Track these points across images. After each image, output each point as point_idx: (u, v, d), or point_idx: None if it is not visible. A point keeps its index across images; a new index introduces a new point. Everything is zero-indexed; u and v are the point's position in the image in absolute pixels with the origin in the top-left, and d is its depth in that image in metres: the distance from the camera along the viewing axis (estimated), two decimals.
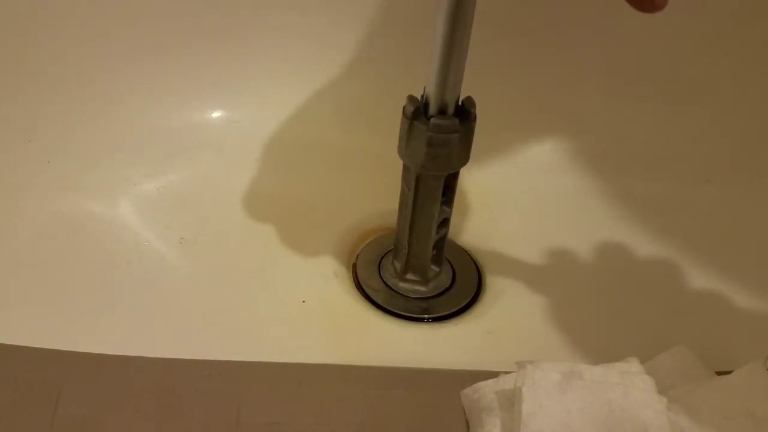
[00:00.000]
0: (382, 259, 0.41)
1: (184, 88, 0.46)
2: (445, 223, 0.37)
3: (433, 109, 0.32)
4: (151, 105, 0.46)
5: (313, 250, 0.41)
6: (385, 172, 0.41)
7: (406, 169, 0.35)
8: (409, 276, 0.39)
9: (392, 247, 0.40)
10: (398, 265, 0.39)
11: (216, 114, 0.47)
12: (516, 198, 0.46)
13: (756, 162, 0.46)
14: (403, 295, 0.39)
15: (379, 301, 0.38)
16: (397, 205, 0.37)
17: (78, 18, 0.43)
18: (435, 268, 0.39)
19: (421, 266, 0.38)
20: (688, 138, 0.46)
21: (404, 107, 0.33)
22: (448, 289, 0.39)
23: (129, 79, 0.45)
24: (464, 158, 0.34)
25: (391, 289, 0.39)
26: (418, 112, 0.33)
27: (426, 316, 0.38)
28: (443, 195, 0.35)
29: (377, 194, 0.44)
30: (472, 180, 0.46)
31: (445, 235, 0.38)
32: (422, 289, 0.39)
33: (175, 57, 0.45)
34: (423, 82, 0.33)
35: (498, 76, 0.44)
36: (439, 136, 0.32)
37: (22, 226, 0.40)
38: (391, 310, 0.38)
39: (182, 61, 0.46)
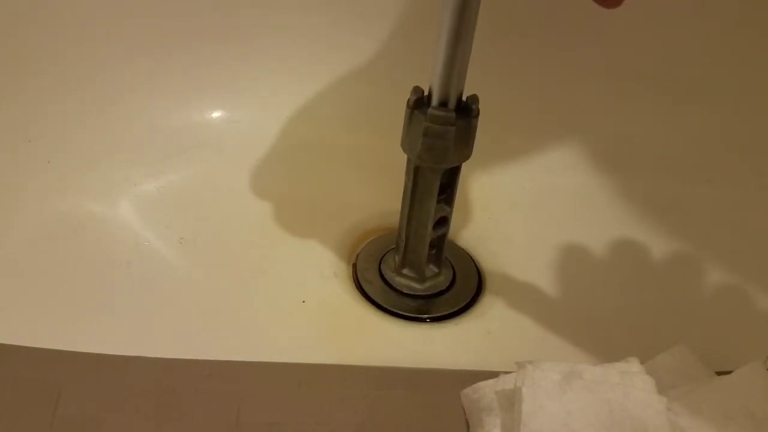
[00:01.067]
0: (382, 258, 0.41)
1: (184, 88, 0.46)
2: (444, 222, 0.37)
3: (435, 100, 0.32)
4: (151, 105, 0.46)
5: (314, 250, 0.41)
6: (385, 172, 0.41)
7: (408, 161, 0.35)
8: (406, 272, 0.39)
9: (392, 247, 0.40)
10: (398, 259, 0.39)
11: (216, 114, 0.47)
12: (516, 198, 0.46)
13: (756, 162, 0.46)
14: (397, 291, 0.39)
15: (371, 294, 0.38)
16: (397, 205, 0.37)
17: (78, 18, 0.43)
18: (434, 269, 0.39)
19: (417, 262, 0.38)
20: (688, 138, 0.46)
21: (409, 97, 0.33)
22: (444, 292, 0.39)
23: (129, 79, 0.45)
24: (463, 154, 0.34)
25: (387, 282, 0.39)
26: (419, 102, 0.33)
27: (426, 315, 0.38)
28: (443, 192, 0.35)
29: (377, 194, 0.44)
30: (472, 180, 0.46)
31: (445, 234, 0.38)
32: (417, 286, 0.39)
33: (175, 57, 0.45)
34: (424, 83, 0.33)
35: (498, 76, 0.44)
36: (436, 127, 0.32)
37: (22, 226, 0.40)
38: (388, 308, 0.38)
39: (182, 61, 0.46)
